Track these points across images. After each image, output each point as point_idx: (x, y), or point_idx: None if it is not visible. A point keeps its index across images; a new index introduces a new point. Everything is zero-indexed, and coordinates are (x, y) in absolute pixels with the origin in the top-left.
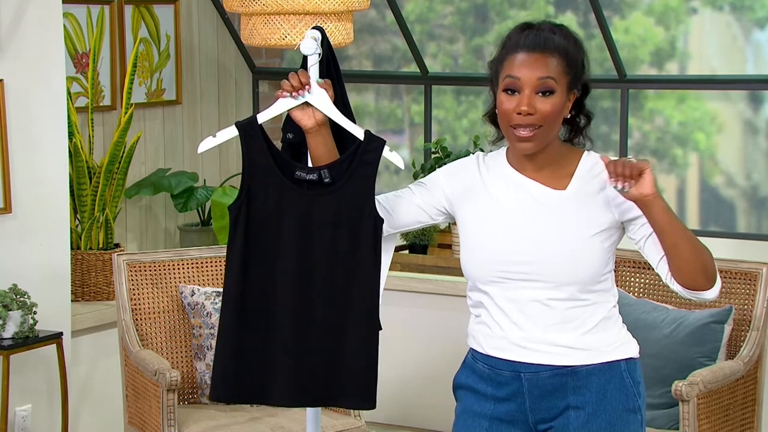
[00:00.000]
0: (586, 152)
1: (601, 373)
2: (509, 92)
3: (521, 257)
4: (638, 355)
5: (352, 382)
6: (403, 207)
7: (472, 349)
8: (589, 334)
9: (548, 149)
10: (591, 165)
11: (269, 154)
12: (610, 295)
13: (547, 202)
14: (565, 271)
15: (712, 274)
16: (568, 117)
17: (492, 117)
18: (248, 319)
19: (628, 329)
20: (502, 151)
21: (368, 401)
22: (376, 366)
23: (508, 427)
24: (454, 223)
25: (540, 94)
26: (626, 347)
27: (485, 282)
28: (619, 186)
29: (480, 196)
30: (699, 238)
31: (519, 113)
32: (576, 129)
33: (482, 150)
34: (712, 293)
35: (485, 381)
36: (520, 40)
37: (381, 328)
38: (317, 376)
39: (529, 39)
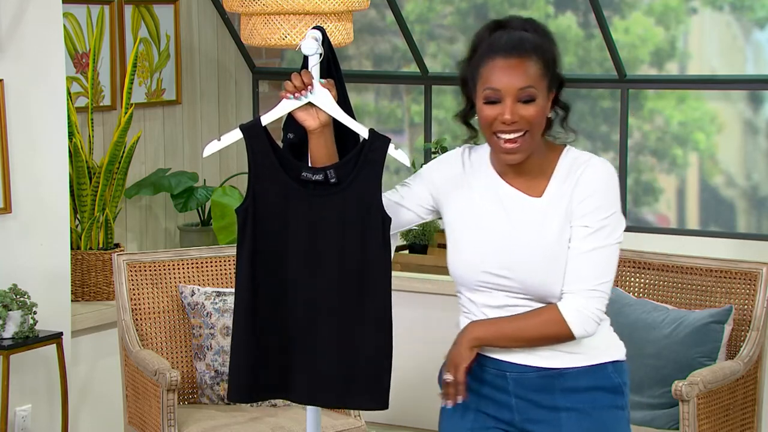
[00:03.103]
0: (565, 150)
1: (589, 375)
2: (490, 103)
3: (498, 270)
4: (624, 358)
5: (364, 381)
6: (391, 211)
7: None
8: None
9: (532, 154)
10: (568, 166)
11: (274, 156)
12: None
13: (523, 211)
14: (541, 284)
15: (562, 336)
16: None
17: (464, 117)
18: (261, 322)
19: (626, 330)
20: (487, 147)
21: (380, 402)
22: (390, 365)
23: (494, 422)
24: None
25: (522, 102)
26: (613, 350)
27: (470, 289)
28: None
29: (463, 197)
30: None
31: (503, 122)
32: (551, 122)
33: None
34: (577, 335)
35: (469, 375)
36: (494, 42)
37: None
38: (330, 376)
39: (503, 40)
